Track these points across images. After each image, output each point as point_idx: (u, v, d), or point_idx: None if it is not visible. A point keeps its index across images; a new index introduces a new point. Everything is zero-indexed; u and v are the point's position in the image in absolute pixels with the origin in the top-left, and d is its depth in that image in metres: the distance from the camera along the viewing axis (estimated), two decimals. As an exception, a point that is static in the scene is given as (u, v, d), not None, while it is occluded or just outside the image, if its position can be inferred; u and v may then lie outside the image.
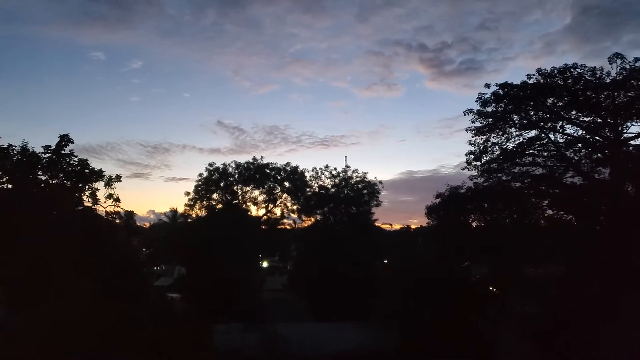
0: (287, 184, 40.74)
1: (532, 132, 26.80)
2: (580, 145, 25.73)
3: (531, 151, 27.02)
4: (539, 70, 25.49)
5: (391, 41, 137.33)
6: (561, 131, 26.00)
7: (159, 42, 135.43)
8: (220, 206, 38.54)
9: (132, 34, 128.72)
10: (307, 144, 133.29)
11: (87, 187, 20.38)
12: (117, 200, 20.67)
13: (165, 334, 14.25)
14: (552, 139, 26.46)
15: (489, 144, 27.37)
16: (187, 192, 39.80)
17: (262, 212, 40.93)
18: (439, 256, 27.98)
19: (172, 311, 16.82)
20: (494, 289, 28.21)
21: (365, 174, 37.41)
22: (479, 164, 27.85)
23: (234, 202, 38.78)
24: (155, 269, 50.54)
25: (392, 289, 27.43)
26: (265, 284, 40.64)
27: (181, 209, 44.05)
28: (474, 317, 24.15)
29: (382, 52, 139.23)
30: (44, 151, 19.57)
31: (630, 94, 23.87)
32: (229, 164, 40.39)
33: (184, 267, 39.50)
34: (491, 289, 28.43)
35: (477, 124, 27.28)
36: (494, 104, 26.53)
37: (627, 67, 23.74)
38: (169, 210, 55.90)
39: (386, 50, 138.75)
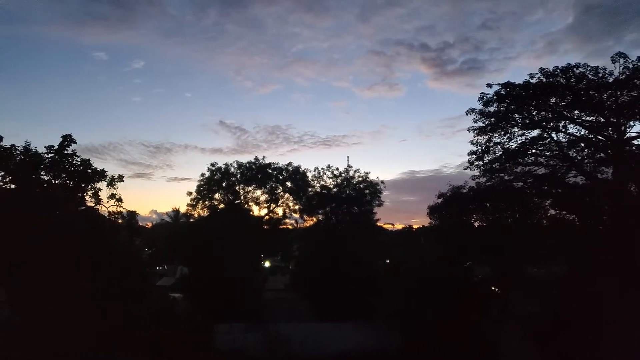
0: (289, 184, 40.71)
1: (535, 132, 26.80)
2: (582, 144, 25.65)
3: (533, 151, 26.97)
4: (542, 69, 25.47)
5: (393, 41, 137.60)
6: (564, 131, 25.96)
7: (161, 42, 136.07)
8: (222, 206, 38.59)
9: (133, 34, 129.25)
10: (309, 143, 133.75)
11: (90, 187, 20.42)
12: (120, 200, 20.72)
13: (167, 333, 14.24)
14: (555, 138, 26.43)
15: (491, 144, 27.31)
16: (189, 192, 39.82)
17: (264, 212, 40.94)
18: (441, 256, 27.98)
19: (174, 311, 16.80)
20: (496, 289, 28.18)
21: (367, 173, 37.46)
22: (481, 163, 27.79)
23: (236, 202, 38.80)
24: (157, 268, 50.50)
25: (394, 289, 27.44)
26: (267, 283, 40.66)
27: (183, 209, 44.20)
28: (476, 317, 24.13)
29: (384, 52, 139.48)
30: (46, 151, 19.60)
31: (633, 93, 23.81)
32: (231, 164, 40.43)
33: (186, 267, 39.62)
34: (493, 288, 28.40)
35: (479, 124, 27.28)
36: (496, 104, 26.48)
37: (630, 66, 23.67)
38: (171, 210, 56.22)
39: (388, 50, 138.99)
